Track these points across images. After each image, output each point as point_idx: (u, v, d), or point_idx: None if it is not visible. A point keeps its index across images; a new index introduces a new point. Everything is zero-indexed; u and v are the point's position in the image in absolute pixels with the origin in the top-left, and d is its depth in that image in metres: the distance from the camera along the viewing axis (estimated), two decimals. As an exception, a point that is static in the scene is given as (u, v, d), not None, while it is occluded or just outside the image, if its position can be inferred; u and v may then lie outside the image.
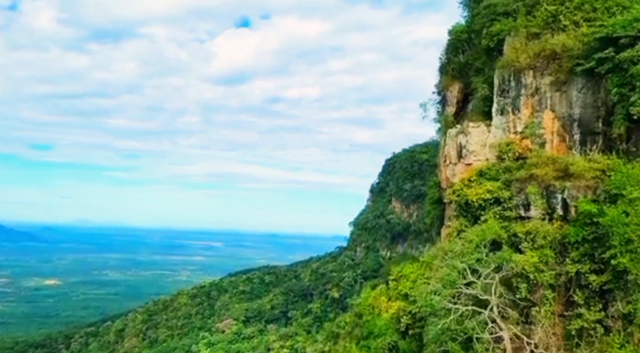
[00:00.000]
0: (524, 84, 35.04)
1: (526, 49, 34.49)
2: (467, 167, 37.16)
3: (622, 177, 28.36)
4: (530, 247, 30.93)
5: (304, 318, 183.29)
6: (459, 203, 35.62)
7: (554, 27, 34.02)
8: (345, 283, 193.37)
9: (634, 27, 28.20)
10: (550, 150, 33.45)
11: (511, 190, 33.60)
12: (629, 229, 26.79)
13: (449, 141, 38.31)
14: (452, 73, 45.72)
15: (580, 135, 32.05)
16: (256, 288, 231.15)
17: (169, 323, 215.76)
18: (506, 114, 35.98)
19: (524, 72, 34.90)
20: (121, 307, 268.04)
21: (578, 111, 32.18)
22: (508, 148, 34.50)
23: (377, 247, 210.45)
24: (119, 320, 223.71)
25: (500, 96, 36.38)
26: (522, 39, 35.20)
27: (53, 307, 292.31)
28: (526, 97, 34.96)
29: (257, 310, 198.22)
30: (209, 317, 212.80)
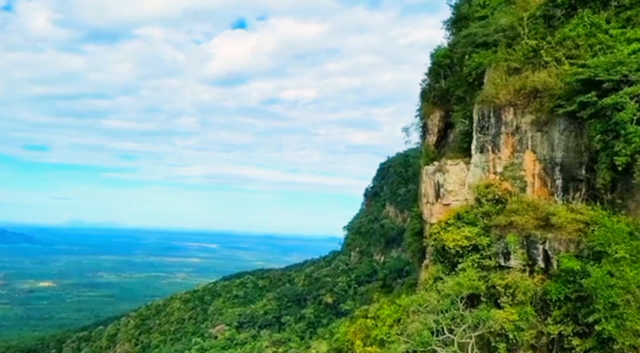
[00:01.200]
0: (504, 122, 32.73)
1: (506, 85, 32.16)
2: (445, 207, 34.86)
3: (607, 232, 26.07)
4: (509, 302, 28.72)
5: (297, 324, 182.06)
6: (435, 247, 33.32)
7: (535, 63, 31.67)
8: (339, 289, 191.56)
9: (617, 71, 25.84)
10: (532, 194, 31.11)
11: (490, 237, 31.35)
12: (613, 292, 24.52)
13: (427, 179, 35.99)
14: (433, 100, 43.40)
15: (563, 181, 29.70)
16: (250, 293, 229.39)
17: (162, 328, 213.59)
18: (486, 152, 33.66)
19: (504, 108, 32.58)
20: (116, 310, 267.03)
21: (560, 155, 29.83)
22: (487, 191, 32.18)
23: (371, 251, 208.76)
24: (112, 325, 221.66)
25: (479, 133, 34.06)
26: (502, 73, 32.87)
27: (47, 309, 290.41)
28: (506, 136, 32.64)
29: (250, 315, 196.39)
30: (202, 321, 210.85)
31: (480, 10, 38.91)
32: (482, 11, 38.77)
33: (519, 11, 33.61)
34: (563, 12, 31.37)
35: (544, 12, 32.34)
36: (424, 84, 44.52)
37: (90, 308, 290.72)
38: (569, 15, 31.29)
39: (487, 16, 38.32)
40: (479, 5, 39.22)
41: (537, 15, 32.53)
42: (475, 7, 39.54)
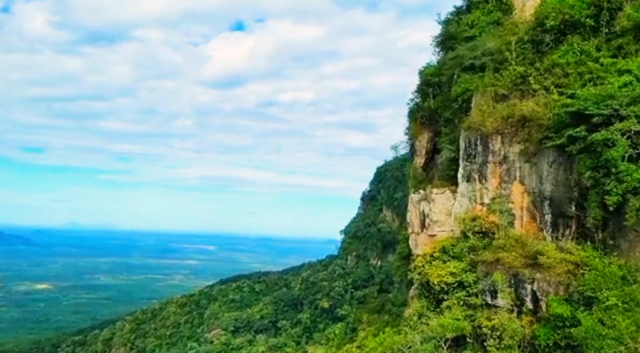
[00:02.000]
0: (492, 150, 31.22)
1: (493, 112, 30.65)
2: (431, 238, 33.35)
3: (598, 276, 24.56)
4: (496, 345, 27.24)
5: (293, 329, 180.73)
6: (420, 281, 31.79)
7: (523, 90, 30.17)
8: (335, 293, 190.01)
9: (607, 105, 24.31)
10: (520, 228, 29.59)
11: (477, 273, 29.85)
12: (605, 343, 23.00)
13: (412, 208, 34.47)
14: (421, 120, 41.85)
15: (552, 217, 28.17)
16: (246, 297, 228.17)
17: (158, 333, 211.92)
18: (473, 182, 32.14)
19: (492, 137, 31.07)
20: (112, 312, 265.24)
21: (549, 188, 28.30)
22: (473, 224, 30.66)
23: (367, 256, 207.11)
24: (107, 329, 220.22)
25: (466, 161, 32.53)
26: (489, 99, 31.35)
27: (43, 311, 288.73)
28: (494, 165, 31.11)
29: (246, 320, 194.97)
30: (198, 326, 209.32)
31: (468, 30, 37.38)
32: (470, 31, 37.23)
33: (507, 35, 32.08)
34: (552, 38, 29.82)
35: (532, 37, 30.82)
36: (412, 103, 42.89)
37: (87, 311, 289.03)
38: (558, 40, 29.78)
39: (475, 36, 36.81)
40: (468, 24, 37.68)
41: (525, 40, 31.01)
42: (463, 27, 38.01)
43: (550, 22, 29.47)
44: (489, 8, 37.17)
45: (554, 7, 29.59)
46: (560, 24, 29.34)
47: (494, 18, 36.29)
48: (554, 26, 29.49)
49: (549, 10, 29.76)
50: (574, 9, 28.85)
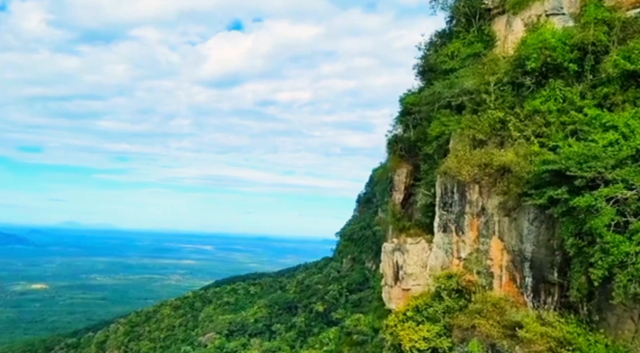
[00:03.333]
0: (469, 200, 28.63)
1: (470, 159, 28.04)
2: (405, 292, 30.84)
3: (581, 358, 22.00)
4: None
5: (287, 333, 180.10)
6: (392, 343, 29.27)
7: (502, 136, 27.54)
8: (330, 297, 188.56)
9: (591, 166, 21.70)
10: (499, 289, 27.05)
11: (452, 339, 27.30)
12: None
13: (385, 258, 31.98)
14: (400, 153, 39.21)
15: (533, 281, 25.60)
16: (241, 299, 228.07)
17: (152, 336, 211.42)
18: (449, 233, 29.58)
19: (469, 185, 28.48)
20: (108, 312, 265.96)
21: (530, 249, 25.71)
22: (449, 283, 28.09)
23: (363, 259, 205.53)
24: (101, 332, 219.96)
25: (442, 209, 29.96)
26: (466, 144, 28.74)
27: (39, 312, 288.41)
28: (471, 217, 28.53)
29: (240, 323, 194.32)
30: (192, 328, 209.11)
31: (448, 62, 34.65)
32: (450, 63, 34.51)
33: (486, 74, 29.38)
34: (533, 81, 27.12)
35: (512, 78, 28.14)
36: (391, 134, 40.23)
37: (82, 311, 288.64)
38: (540, 84, 27.09)
39: (455, 69, 34.09)
40: (447, 56, 34.95)
41: (504, 81, 28.31)
42: (443, 58, 35.29)
43: (531, 64, 26.79)
44: (469, 39, 34.46)
45: (535, 47, 26.88)
46: (542, 67, 26.66)
47: (475, 50, 33.58)
48: (535, 68, 26.79)
49: (529, 51, 27.05)
50: (556, 52, 26.15)
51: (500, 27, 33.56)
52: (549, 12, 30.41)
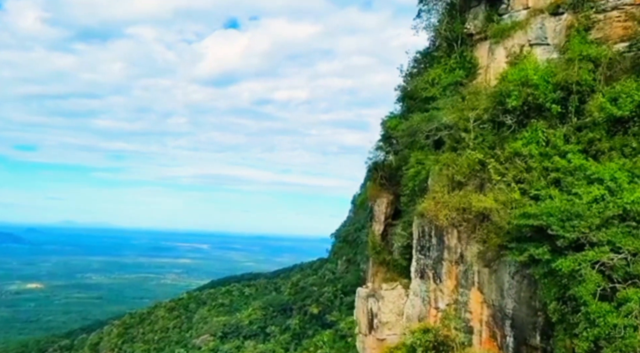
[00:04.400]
0: (447, 246, 26.71)
1: (448, 201, 26.09)
2: (380, 342, 28.97)
3: None
4: None
5: (282, 335, 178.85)
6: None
7: (482, 178, 25.59)
8: (325, 299, 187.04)
9: (574, 226, 19.78)
10: (478, 346, 25.15)
11: (427, 397, 25.38)
12: None
13: (359, 304, 30.05)
14: (380, 181, 37.24)
15: (514, 341, 23.66)
16: (236, 301, 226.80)
17: (146, 337, 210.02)
18: (427, 280, 27.67)
19: (447, 230, 26.56)
20: (103, 312, 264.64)
21: (511, 305, 23.79)
22: (426, 338, 26.14)
23: (357, 260, 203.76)
24: (95, 333, 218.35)
25: (420, 253, 28.05)
26: (444, 185, 26.77)
27: (34, 311, 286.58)
28: (450, 264, 26.61)
29: (235, 325, 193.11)
30: (187, 330, 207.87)
31: (429, 89, 32.69)
32: (431, 90, 32.55)
33: (466, 108, 27.42)
34: (514, 120, 25.15)
35: (492, 116, 26.15)
36: (370, 160, 38.20)
37: (78, 311, 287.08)
38: (522, 123, 25.12)
39: (435, 97, 32.15)
40: (428, 82, 32.96)
41: (484, 118, 26.32)
42: (423, 84, 33.31)
43: (512, 102, 24.84)
44: (451, 65, 32.50)
45: (516, 83, 24.91)
46: (524, 105, 24.71)
47: (456, 78, 31.65)
48: (516, 107, 24.83)
49: (510, 88, 25.08)
50: (539, 90, 24.18)
51: (483, 54, 31.63)
52: (533, 42, 28.51)
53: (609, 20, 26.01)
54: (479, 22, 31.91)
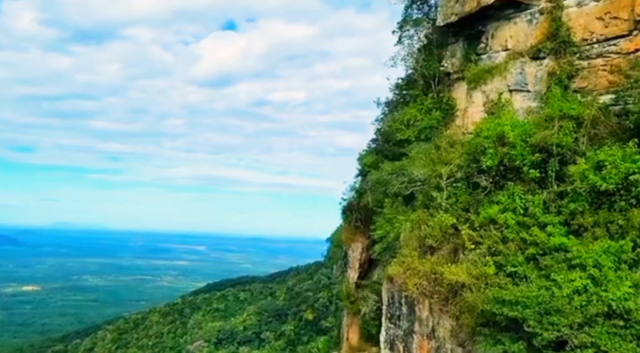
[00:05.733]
0: (418, 317, 24.20)
1: (419, 268, 23.61)
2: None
3: None
4: None
5: (277, 341, 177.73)
6: None
7: (456, 243, 23.14)
8: (320, 304, 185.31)
9: (553, 324, 17.42)
10: None
11: None
12: None
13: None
14: (355, 223, 34.79)
15: None
16: (230, 306, 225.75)
17: (140, 343, 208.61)
18: (396, 352, 25.18)
19: (418, 299, 24.04)
20: (100, 314, 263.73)
21: (487, 393, 21.30)
22: None
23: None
24: (88, 338, 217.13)
25: (389, 322, 25.60)
26: (415, 247, 24.30)
27: (30, 314, 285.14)
28: (421, 337, 24.10)
29: (229, 331, 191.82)
30: (181, 336, 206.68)
31: (404, 131, 30.19)
32: (406, 132, 30.06)
33: (440, 162, 24.93)
34: (490, 181, 22.67)
35: (466, 174, 23.67)
36: (345, 201, 35.72)
37: (73, 313, 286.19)
38: (498, 184, 22.65)
39: (410, 140, 29.69)
40: (403, 123, 30.46)
41: (458, 177, 23.84)
42: (397, 125, 30.82)
43: (487, 162, 22.36)
44: (427, 105, 30.02)
45: (491, 141, 22.44)
46: (500, 165, 22.24)
47: (433, 120, 29.19)
48: (492, 167, 22.35)
49: (485, 145, 22.59)
50: (516, 150, 21.69)
51: (461, 95, 29.15)
52: (512, 88, 26.04)
53: (594, 69, 23.57)
54: (457, 60, 29.43)
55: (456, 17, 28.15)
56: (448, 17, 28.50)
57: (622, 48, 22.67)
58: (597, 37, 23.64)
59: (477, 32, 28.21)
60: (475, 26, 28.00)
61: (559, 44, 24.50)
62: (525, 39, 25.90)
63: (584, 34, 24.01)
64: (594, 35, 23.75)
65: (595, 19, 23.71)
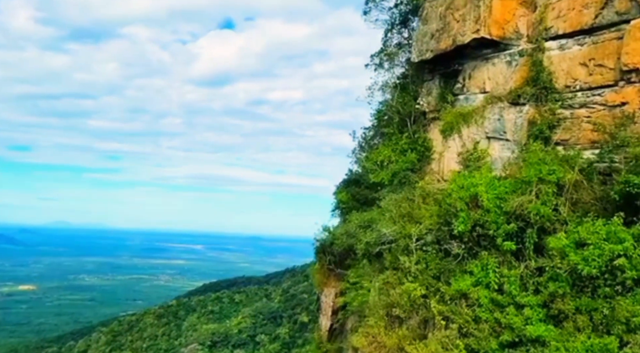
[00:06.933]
0: (386, 390, 22.00)
1: (385, 343, 21.42)
2: None
3: None
4: None
5: (271, 344, 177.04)
6: None
7: (425, 318, 20.93)
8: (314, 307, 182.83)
9: None
10: None
11: None
12: None
13: None
14: (328, 266, 32.55)
15: None
16: (225, 308, 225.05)
17: (134, 345, 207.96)
18: None
19: (386, 371, 21.84)
20: (96, 314, 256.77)
21: None
22: None
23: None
24: (82, 340, 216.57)
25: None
26: (381, 316, 22.09)
27: (26, 314, 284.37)
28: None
29: (224, 333, 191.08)
30: (176, 338, 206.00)
31: (377, 173, 27.80)
32: (379, 174, 27.67)
33: (410, 221, 22.66)
34: (462, 248, 20.43)
35: (436, 237, 21.40)
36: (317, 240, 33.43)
37: (69, 313, 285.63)
38: (471, 251, 20.42)
39: (384, 184, 27.43)
40: (376, 164, 28.11)
41: (428, 240, 21.58)
42: (371, 165, 28.50)
43: (459, 227, 20.10)
44: (402, 145, 27.66)
45: (463, 203, 20.18)
46: (473, 231, 19.99)
47: (408, 163, 26.84)
48: (464, 232, 20.10)
49: (457, 206, 20.34)
50: (490, 215, 19.42)
51: (437, 136, 26.84)
52: (490, 135, 23.75)
53: (577, 120, 21.25)
54: (433, 99, 27.12)
55: (431, 54, 25.84)
56: (423, 54, 26.20)
57: (607, 99, 20.36)
58: (580, 84, 21.33)
59: (454, 71, 25.88)
60: (452, 65, 25.69)
61: (539, 90, 22.20)
62: (504, 82, 23.59)
63: (567, 80, 21.69)
64: (577, 83, 21.44)
65: (579, 65, 21.40)
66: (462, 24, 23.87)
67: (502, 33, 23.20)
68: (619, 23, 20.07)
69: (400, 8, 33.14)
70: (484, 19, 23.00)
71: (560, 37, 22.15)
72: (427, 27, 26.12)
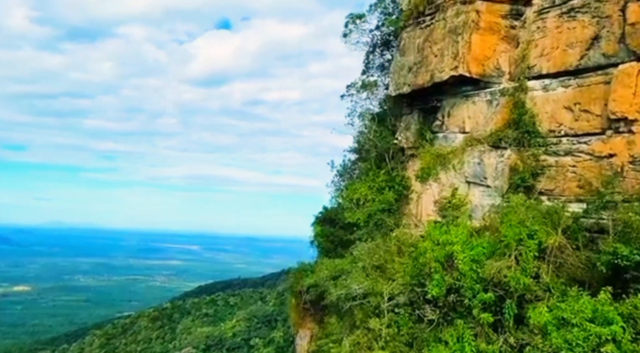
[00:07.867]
0: None
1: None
2: None
3: None
4: None
5: (266, 348, 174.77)
6: None
7: None
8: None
9: None
10: None
11: None
12: None
13: None
14: (304, 306, 30.68)
15: None
16: (220, 311, 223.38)
17: (128, 348, 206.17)
18: None
19: None
20: (91, 315, 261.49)
21: None
22: None
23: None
24: (76, 344, 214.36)
25: None
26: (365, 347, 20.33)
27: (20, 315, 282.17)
28: None
29: (218, 337, 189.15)
30: (170, 341, 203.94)
31: (353, 212, 25.98)
32: (355, 214, 25.87)
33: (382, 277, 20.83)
34: (437, 313, 18.62)
35: (409, 299, 19.59)
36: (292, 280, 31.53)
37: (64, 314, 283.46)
38: (447, 317, 18.60)
39: (359, 225, 25.60)
40: (352, 202, 26.27)
41: (400, 301, 19.72)
42: (347, 203, 26.67)
43: (434, 291, 18.31)
44: (379, 183, 25.84)
45: (438, 264, 18.37)
46: (448, 295, 18.19)
47: (385, 203, 25.07)
48: (438, 297, 18.29)
49: (431, 266, 18.53)
50: (465, 281, 17.60)
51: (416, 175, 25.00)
52: (470, 180, 21.94)
53: (562, 169, 19.46)
54: (411, 135, 25.30)
55: (409, 89, 24.01)
56: (400, 87, 24.36)
57: (594, 149, 18.56)
58: (565, 130, 19.54)
59: (433, 107, 24.04)
60: (430, 100, 23.85)
61: (521, 134, 20.42)
62: (485, 123, 21.77)
63: (551, 124, 19.91)
64: (562, 128, 19.65)
65: (564, 108, 19.61)
66: (440, 59, 22.04)
67: (482, 70, 21.37)
68: (605, 66, 18.25)
69: (382, 30, 31.44)
70: (462, 55, 21.16)
71: (544, 76, 20.36)
72: (405, 59, 24.29)
